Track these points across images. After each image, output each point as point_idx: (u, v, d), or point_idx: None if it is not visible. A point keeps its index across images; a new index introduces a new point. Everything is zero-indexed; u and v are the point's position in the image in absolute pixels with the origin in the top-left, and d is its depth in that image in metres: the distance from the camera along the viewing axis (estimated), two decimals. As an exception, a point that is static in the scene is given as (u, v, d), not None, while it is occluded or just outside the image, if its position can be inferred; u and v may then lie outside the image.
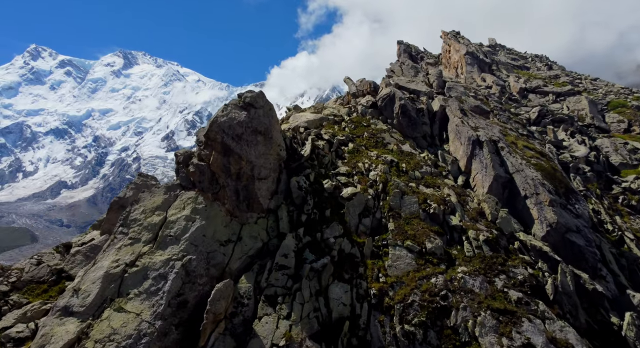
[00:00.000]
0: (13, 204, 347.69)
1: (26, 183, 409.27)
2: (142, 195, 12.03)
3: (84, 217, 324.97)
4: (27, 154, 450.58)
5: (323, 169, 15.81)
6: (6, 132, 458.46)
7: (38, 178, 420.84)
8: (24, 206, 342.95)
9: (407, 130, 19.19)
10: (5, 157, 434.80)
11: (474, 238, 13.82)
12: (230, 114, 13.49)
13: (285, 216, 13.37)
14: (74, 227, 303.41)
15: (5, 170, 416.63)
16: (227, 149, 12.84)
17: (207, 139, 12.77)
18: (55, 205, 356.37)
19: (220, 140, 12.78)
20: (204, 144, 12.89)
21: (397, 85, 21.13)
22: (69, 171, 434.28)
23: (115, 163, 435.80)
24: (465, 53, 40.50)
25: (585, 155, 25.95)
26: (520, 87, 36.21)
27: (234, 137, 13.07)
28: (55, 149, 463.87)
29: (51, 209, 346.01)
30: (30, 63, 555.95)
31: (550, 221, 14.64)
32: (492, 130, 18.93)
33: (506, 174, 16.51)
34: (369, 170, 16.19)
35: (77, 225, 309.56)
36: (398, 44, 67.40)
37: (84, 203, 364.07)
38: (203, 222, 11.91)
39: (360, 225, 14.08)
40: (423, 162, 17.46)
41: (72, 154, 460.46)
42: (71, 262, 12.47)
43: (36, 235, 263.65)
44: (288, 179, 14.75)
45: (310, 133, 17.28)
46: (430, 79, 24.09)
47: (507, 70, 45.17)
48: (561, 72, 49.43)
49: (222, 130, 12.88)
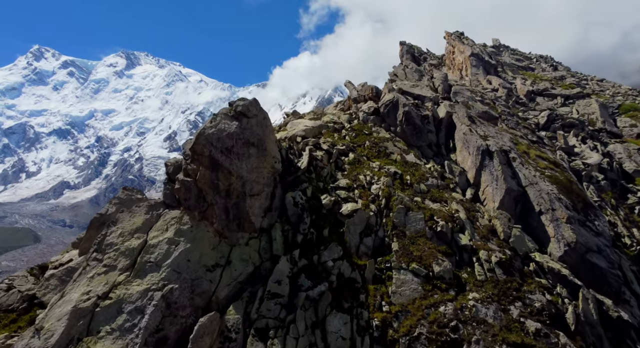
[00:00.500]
0: (16, 204, 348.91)
1: (29, 184, 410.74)
2: (121, 216, 10.93)
3: (86, 218, 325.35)
4: (30, 154, 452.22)
5: (321, 182, 14.67)
6: (9, 132, 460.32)
7: (41, 178, 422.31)
8: (27, 206, 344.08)
9: (412, 138, 18.02)
10: (9, 157, 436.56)
11: (486, 260, 12.64)
12: (220, 124, 12.38)
13: (280, 236, 12.24)
14: (76, 228, 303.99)
15: (8, 171, 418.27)
16: (215, 164, 11.73)
17: (194, 153, 11.67)
18: (58, 206, 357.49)
19: (208, 154, 11.67)
20: (191, 158, 11.78)
21: (400, 90, 19.96)
22: (72, 171, 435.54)
23: (118, 163, 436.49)
24: (470, 55, 39.31)
25: (598, 163, 24.70)
26: (528, 90, 34.96)
27: (223, 150, 11.95)
28: (58, 150, 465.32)
29: (54, 209, 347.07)
30: (34, 64, 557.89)
31: (569, 240, 13.44)
32: (502, 138, 17.73)
33: (519, 187, 15.32)
34: (371, 184, 15.04)
35: (79, 225, 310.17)
36: (401, 45, 66.27)
37: (87, 203, 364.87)
38: (188, 245, 10.80)
39: (362, 245, 12.94)
40: (429, 173, 16.29)
41: (74, 154, 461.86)
42: (45, 287, 11.40)
43: (39, 235, 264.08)
44: (283, 194, 13.62)
45: (308, 143, 16.14)
46: (436, 83, 22.91)
47: (512, 72, 43.99)
48: (567, 73, 48.19)
49: (209, 143, 11.76)
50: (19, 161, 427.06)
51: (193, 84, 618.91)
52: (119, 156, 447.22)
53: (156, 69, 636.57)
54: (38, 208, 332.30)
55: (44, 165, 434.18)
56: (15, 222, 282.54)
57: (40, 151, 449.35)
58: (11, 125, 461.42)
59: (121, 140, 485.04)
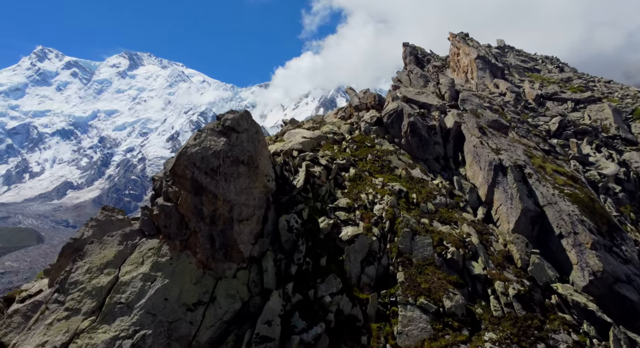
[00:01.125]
0: (20, 205, 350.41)
1: (33, 184, 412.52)
2: (90, 248, 9.67)
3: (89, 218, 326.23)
4: (33, 154, 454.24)
5: (319, 202, 13.35)
6: (13, 133, 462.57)
7: (44, 178, 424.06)
8: (30, 207, 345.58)
9: (417, 151, 16.67)
10: (12, 157, 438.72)
11: (502, 293, 11.29)
12: (205, 142, 11.09)
13: (272, 267, 10.94)
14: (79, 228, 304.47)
15: (12, 171, 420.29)
16: (198, 187, 10.45)
17: (174, 175, 10.38)
18: (62, 206, 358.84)
19: (191, 176, 10.38)
20: (171, 180, 10.50)
21: (405, 98, 18.60)
22: (75, 172, 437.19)
23: (121, 164, 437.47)
24: (476, 57, 37.91)
25: (615, 173, 23.25)
26: (537, 94, 33.49)
27: (208, 171, 10.66)
28: (61, 150, 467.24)
29: (57, 210, 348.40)
30: (37, 64, 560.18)
31: (594, 269, 12.06)
32: (515, 151, 16.35)
33: (536, 206, 13.94)
34: (374, 203, 13.71)
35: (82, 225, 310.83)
36: (404, 47, 64.85)
37: (90, 204, 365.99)
38: (166, 281, 9.52)
39: (363, 275, 11.61)
40: (436, 190, 14.93)
41: (78, 154, 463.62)
42: (6, 325, 10.15)
43: (42, 235, 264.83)
44: (277, 217, 12.32)
45: (305, 157, 14.82)
46: (442, 90, 21.53)
47: (519, 74, 42.60)
48: (573, 75, 46.79)
49: (192, 163, 10.47)
50: (23, 161, 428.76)
51: (196, 84, 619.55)
52: (122, 156, 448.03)
53: (159, 70, 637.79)
54: (41, 208, 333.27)
55: (48, 166, 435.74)
56: (18, 222, 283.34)
57: (44, 151, 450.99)
58: (15, 126, 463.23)
59: (124, 140, 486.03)
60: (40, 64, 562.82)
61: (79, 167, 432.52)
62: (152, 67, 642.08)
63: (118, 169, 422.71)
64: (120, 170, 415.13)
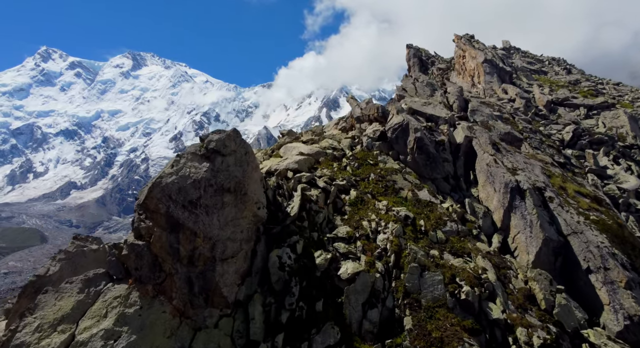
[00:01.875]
0: (24, 205, 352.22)
1: (37, 184, 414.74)
2: (43, 299, 8.29)
3: (92, 218, 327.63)
4: (37, 154, 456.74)
5: (316, 231, 11.90)
6: (17, 133, 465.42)
7: (48, 178, 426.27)
8: (34, 206, 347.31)
9: (425, 169, 15.17)
10: (17, 157, 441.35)
11: (526, 342, 9.79)
12: (184, 169, 9.67)
13: (259, 314, 9.50)
14: (83, 228, 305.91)
15: (16, 171, 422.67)
16: (174, 224, 9.03)
17: (146, 210, 8.97)
18: (65, 206, 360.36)
19: (165, 211, 8.97)
20: (143, 215, 9.09)
21: (410, 110, 17.12)
22: (79, 172, 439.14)
23: (124, 164, 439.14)
24: (483, 61, 36.34)
25: (635, 187, 21.64)
26: (547, 100, 31.88)
27: (186, 205, 9.25)
28: (65, 150, 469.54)
29: (61, 210, 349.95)
30: (41, 65, 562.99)
31: (631, 312, 10.54)
32: (533, 170, 14.82)
33: (559, 236, 12.43)
34: (377, 232, 12.24)
35: (86, 225, 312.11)
36: (407, 48, 63.33)
37: (93, 204, 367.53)
38: (133, 338, 8.11)
39: (365, 320, 10.15)
40: (447, 215, 13.44)
41: (81, 154, 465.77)
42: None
43: (46, 235, 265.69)
44: (267, 252, 10.89)
45: (301, 179, 13.38)
46: (450, 99, 20.02)
47: (526, 78, 41.04)
48: (581, 77, 45.26)
49: (167, 196, 9.06)
50: (27, 161, 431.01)
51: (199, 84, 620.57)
52: (125, 156, 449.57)
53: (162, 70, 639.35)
54: (45, 208, 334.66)
55: (51, 166, 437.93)
56: (22, 222, 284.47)
57: (48, 151, 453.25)
58: (19, 126, 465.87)
59: (127, 140, 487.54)
60: (45, 64, 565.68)
61: (82, 167, 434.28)
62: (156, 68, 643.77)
63: (121, 169, 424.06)
64: (124, 170, 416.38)
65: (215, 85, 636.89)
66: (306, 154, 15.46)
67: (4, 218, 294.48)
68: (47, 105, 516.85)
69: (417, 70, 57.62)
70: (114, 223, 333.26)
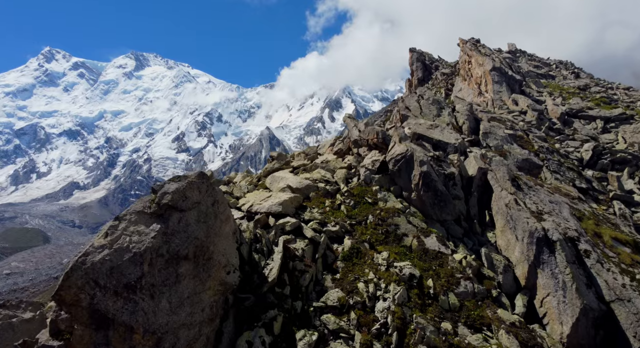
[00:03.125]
0: (27, 205, 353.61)
1: (40, 184, 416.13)
2: None
3: (95, 218, 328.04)
4: (40, 155, 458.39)
5: (300, 299, 9.65)
6: (21, 133, 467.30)
7: (51, 179, 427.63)
8: (37, 207, 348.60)
9: (432, 210, 12.87)
10: (20, 158, 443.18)
11: None
12: (122, 239, 7.43)
13: None
14: (85, 228, 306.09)
15: (19, 171, 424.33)
16: (102, 319, 6.80)
17: (61, 303, 6.74)
18: (68, 206, 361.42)
19: (89, 303, 6.73)
20: (60, 308, 6.88)
21: (415, 135, 14.83)
22: (82, 172, 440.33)
23: (127, 164, 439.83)
24: (491, 69, 34.00)
25: (669, 216, 19.18)
26: (561, 113, 29.53)
27: (120, 290, 7.01)
28: (68, 150, 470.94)
29: (64, 210, 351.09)
30: (45, 65, 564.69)
31: None
32: (561, 212, 12.49)
33: (599, 302, 10.11)
34: (376, 298, 9.97)
35: (88, 226, 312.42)
36: (410, 52, 60.77)
37: (96, 204, 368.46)
38: None
39: None
40: (460, 271, 11.14)
41: (84, 155, 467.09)
42: None
43: (48, 236, 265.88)
44: (236, 331, 8.65)
45: (285, 227, 11.13)
46: (459, 119, 17.70)
47: (536, 85, 38.66)
48: (590, 81, 42.91)
49: (92, 282, 6.82)
50: (30, 162, 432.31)
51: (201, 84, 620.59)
52: (128, 157, 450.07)
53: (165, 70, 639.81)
54: (48, 208, 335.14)
55: (54, 166, 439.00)
56: (25, 222, 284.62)
57: (51, 152, 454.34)
58: (22, 126, 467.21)
59: (130, 141, 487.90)
60: (48, 64, 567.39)
61: (85, 168, 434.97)
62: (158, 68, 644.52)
63: (124, 169, 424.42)
64: (126, 171, 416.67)
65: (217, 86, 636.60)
66: (294, 189, 13.22)
67: (7, 218, 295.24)
68: (50, 106, 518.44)
69: (421, 74, 55.20)
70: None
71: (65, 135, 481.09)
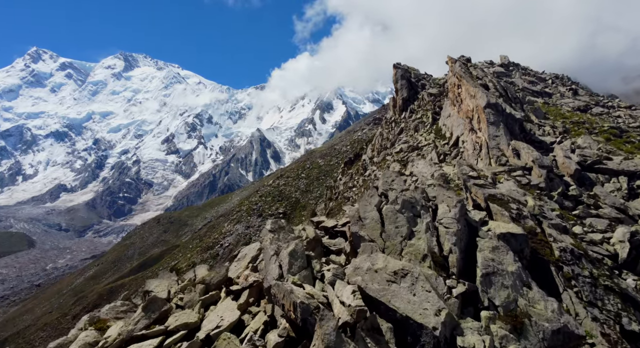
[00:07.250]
0: (12, 208, 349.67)
1: (26, 187, 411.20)
2: None
3: (82, 221, 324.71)
4: (27, 156, 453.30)
5: None
6: (6, 135, 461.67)
7: (38, 181, 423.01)
8: (22, 210, 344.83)
9: None
10: (5, 160, 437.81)
11: None
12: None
13: None
14: (72, 232, 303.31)
15: (5, 173, 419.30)
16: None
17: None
18: (54, 209, 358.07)
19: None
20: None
21: (364, 301, 4.89)
22: (69, 174, 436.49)
23: (115, 166, 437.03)
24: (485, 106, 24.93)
25: None
26: (575, 169, 21.03)
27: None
28: (55, 152, 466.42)
29: (50, 213, 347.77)
30: (31, 66, 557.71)
31: None
32: None
33: None
34: None
35: (75, 229, 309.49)
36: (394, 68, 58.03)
37: (83, 207, 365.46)
38: None
39: None
40: None
41: (72, 156, 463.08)
42: None
43: (33, 240, 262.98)
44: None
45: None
46: (444, 244, 5.25)
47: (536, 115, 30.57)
48: (589, 99, 39.04)
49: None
50: (16, 164, 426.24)
51: (191, 86, 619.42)
52: (117, 159, 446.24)
53: (154, 71, 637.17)
54: (34, 211, 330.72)
55: (41, 168, 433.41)
56: (10, 226, 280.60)
57: (37, 154, 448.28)
58: (8, 128, 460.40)
59: (119, 142, 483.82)
60: (35, 65, 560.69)
61: (72, 170, 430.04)
62: (148, 69, 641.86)
63: (112, 171, 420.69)
64: (115, 173, 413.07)
65: (208, 87, 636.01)
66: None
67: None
68: (37, 107, 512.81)
69: (406, 93, 49.90)
70: (104, 227, 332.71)
71: (52, 136, 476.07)
